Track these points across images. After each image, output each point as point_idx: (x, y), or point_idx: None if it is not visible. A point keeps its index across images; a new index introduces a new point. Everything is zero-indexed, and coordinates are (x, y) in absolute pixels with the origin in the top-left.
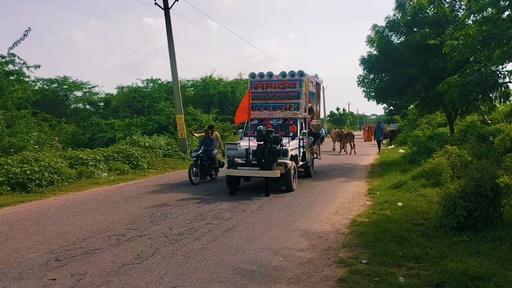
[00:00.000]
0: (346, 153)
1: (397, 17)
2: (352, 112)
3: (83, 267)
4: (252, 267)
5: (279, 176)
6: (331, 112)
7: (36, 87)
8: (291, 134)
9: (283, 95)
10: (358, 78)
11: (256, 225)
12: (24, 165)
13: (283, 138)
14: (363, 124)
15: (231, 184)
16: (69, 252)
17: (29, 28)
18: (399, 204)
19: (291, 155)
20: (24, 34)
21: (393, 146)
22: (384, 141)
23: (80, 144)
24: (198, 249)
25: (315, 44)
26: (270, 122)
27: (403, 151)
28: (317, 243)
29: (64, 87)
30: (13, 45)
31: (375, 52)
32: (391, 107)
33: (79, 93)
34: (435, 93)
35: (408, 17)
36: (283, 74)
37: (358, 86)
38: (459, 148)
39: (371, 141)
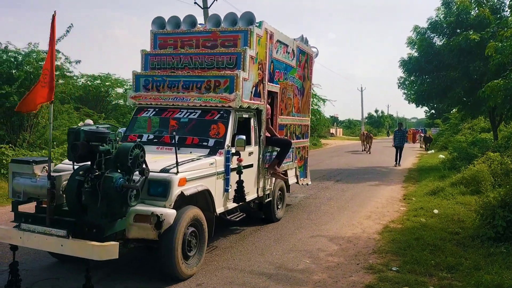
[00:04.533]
0: (365, 151)
1: (439, 18)
2: (392, 115)
3: None
4: (278, 268)
5: (117, 255)
6: (369, 114)
7: (80, 83)
8: (211, 141)
9: (210, 60)
10: (398, 80)
11: (285, 226)
12: (65, 158)
13: (157, 152)
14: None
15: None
16: None
17: (72, 24)
18: (435, 211)
19: (181, 193)
20: (67, 30)
21: (432, 151)
22: (423, 146)
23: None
24: (225, 247)
25: (355, 44)
26: (176, 116)
27: (442, 156)
28: (346, 247)
29: (106, 83)
30: (56, 41)
31: (415, 54)
32: (433, 111)
33: (120, 90)
34: (477, 97)
35: (451, 18)
36: (216, 20)
37: (399, 88)
38: (501, 156)
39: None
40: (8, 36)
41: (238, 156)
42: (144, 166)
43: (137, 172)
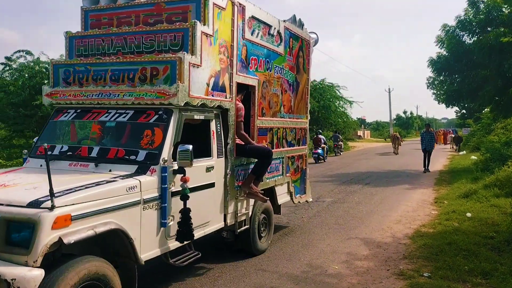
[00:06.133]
0: (394, 152)
1: (468, 16)
2: (421, 116)
3: None
4: (307, 273)
5: None
6: (397, 115)
7: None
8: (141, 154)
9: (149, 41)
10: (427, 80)
11: (313, 231)
12: None
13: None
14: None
15: None
16: None
17: None
18: (468, 214)
19: (59, 240)
20: None
21: (464, 152)
22: (454, 147)
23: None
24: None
25: (381, 45)
26: (102, 118)
27: (475, 157)
28: (376, 252)
29: None
30: None
31: (444, 53)
32: (464, 111)
33: None
34: (511, 96)
35: (481, 16)
36: None
37: (428, 88)
38: None
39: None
40: (42, 47)
41: (182, 175)
42: None
43: None
